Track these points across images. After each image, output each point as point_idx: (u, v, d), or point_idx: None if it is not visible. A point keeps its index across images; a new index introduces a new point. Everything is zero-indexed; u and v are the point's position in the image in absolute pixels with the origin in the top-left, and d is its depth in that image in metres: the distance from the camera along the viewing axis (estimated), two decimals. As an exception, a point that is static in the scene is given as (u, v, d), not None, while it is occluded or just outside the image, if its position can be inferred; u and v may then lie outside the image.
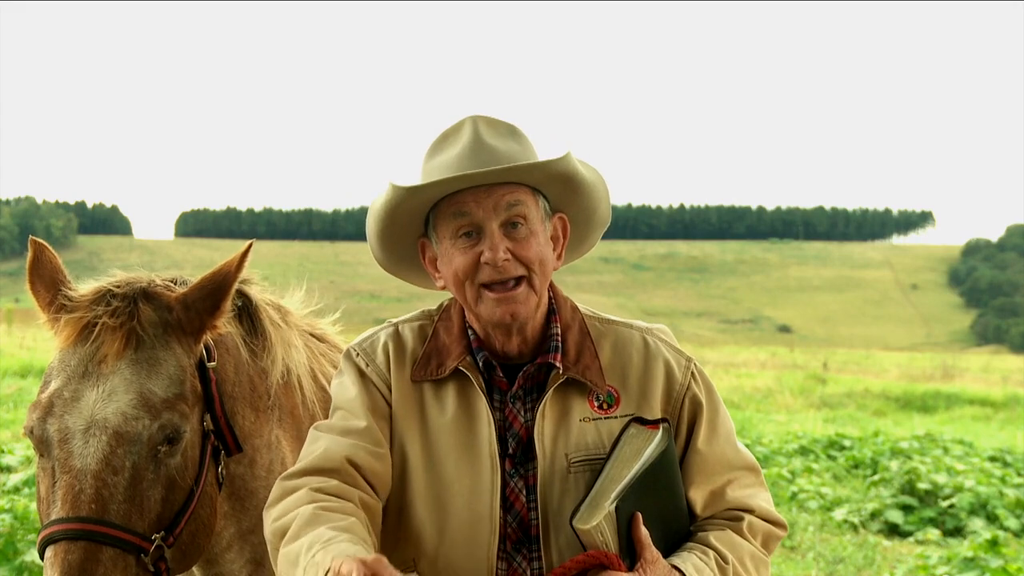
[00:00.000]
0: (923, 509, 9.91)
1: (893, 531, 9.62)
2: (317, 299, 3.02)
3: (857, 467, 12.35)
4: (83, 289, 2.32)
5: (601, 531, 2.01)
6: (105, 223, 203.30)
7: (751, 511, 2.23)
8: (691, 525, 2.22)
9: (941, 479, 10.32)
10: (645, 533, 2.05)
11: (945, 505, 9.85)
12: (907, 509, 9.96)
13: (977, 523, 9.40)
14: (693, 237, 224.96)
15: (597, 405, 2.21)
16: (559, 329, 2.24)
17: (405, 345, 2.28)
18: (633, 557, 2.04)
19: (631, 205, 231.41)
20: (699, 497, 2.22)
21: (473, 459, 2.15)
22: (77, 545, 2.04)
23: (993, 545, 7.44)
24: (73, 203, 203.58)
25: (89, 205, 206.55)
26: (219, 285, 2.32)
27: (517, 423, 2.19)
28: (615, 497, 2.02)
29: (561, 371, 2.18)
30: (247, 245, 2.38)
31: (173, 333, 2.28)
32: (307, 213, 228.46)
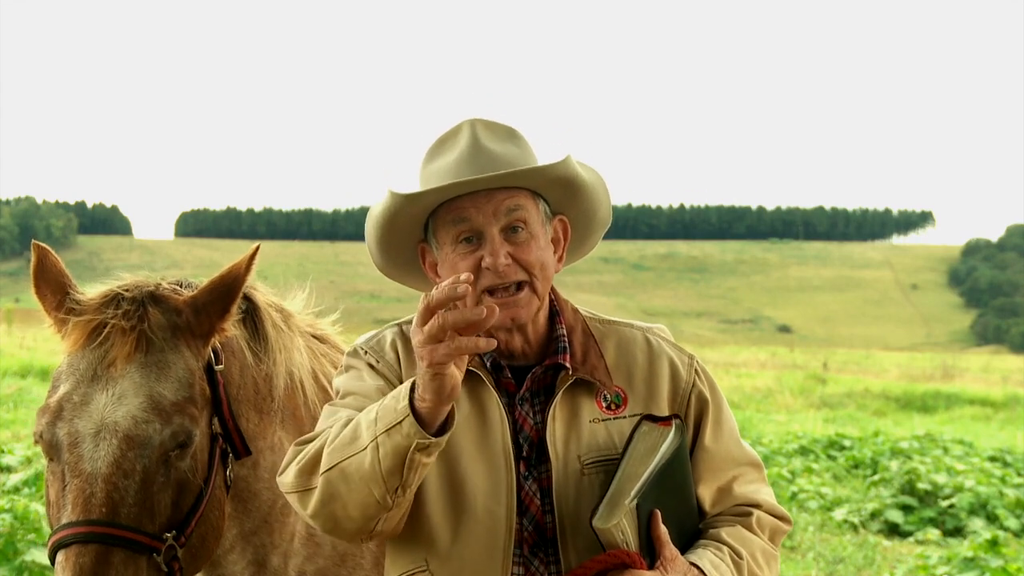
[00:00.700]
0: (923, 509, 9.92)
1: (893, 531, 9.63)
2: (317, 300, 3.01)
3: (857, 467, 12.36)
4: (91, 292, 2.31)
5: (622, 530, 1.98)
6: (105, 223, 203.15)
7: (758, 506, 2.22)
8: (700, 523, 2.21)
9: (941, 479, 10.33)
10: (664, 531, 2.03)
11: (945, 505, 9.86)
12: (907, 509, 9.97)
13: (977, 523, 9.41)
14: (693, 237, 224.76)
15: (605, 406, 2.19)
16: (564, 330, 2.23)
17: (412, 344, 2.28)
18: (652, 555, 2.02)
19: (631, 205, 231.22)
20: (707, 494, 2.22)
21: (487, 458, 2.13)
22: (88, 548, 2.03)
23: (993, 545, 7.44)
24: (73, 203, 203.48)
25: (89, 205, 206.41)
26: (228, 288, 2.32)
27: (528, 425, 2.16)
28: (635, 495, 2.00)
29: (570, 372, 2.17)
30: (254, 248, 2.37)
31: (182, 336, 2.27)
32: (307, 213, 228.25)
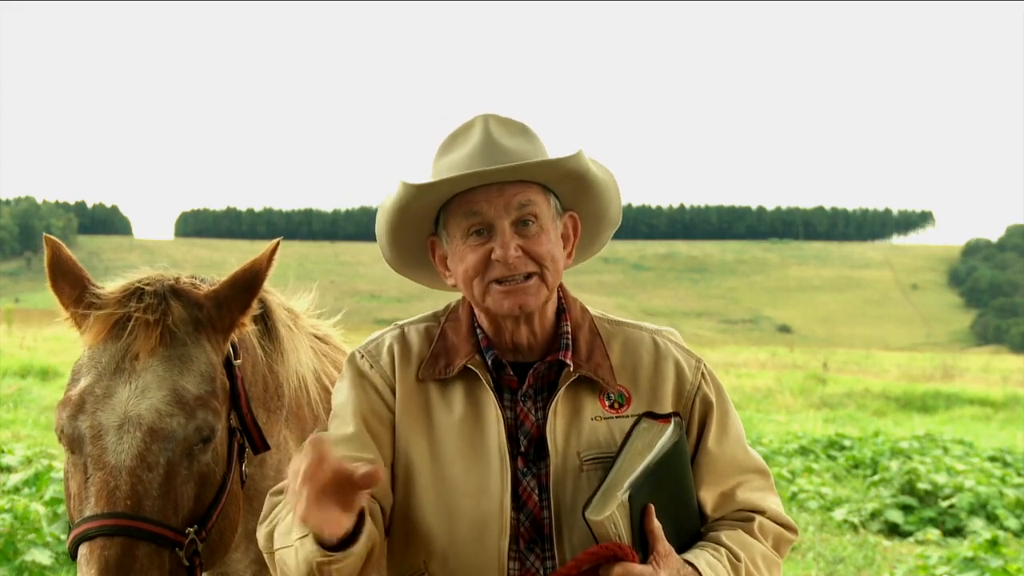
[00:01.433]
0: (923, 509, 9.91)
1: (893, 531, 9.61)
2: (317, 300, 3.02)
3: (857, 467, 12.35)
4: (110, 286, 2.30)
5: (614, 522, 1.97)
6: (105, 223, 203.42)
7: (762, 512, 2.21)
8: (702, 527, 2.20)
9: (941, 479, 10.31)
10: (658, 525, 2.02)
11: (945, 505, 9.84)
12: (907, 509, 9.96)
13: (977, 523, 9.39)
14: (693, 237, 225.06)
15: (608, 404, 2.19)
16: (569, 328, 2.23)
17: (411, 346, 2.27)
18: (645, 550, 2.01)
19: (631, 205, 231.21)
20: (709, 498, 2.20)
21: (481, 457, 2.13)
22: (114, 541, 2.01)
23: (993, 545, 7.42)
24: (73, 203, 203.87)
25: (89, 205, 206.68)
26: (250, 282, 2.32)
27: (528, 421, 2.17)
28: (628, 487, 1.99)
29: (572, 369, 2.17)
30: (275, 242, 2.37)
31: (203, 330, 2.27)
32: (307, 213, 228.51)
